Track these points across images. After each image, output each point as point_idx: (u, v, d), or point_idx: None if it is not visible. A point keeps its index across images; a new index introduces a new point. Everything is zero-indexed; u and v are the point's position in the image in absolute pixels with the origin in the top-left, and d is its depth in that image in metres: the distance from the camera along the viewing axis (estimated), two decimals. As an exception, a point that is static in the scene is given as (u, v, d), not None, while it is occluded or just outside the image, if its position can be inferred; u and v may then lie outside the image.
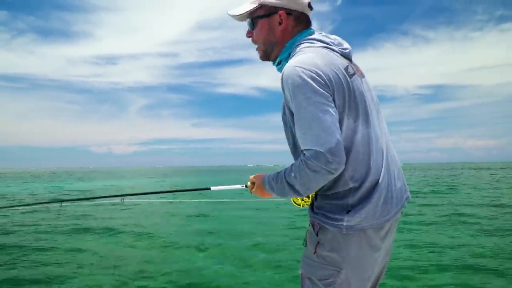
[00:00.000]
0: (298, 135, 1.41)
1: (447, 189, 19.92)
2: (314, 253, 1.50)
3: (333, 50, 1.51)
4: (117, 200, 2.11)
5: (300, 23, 1.61)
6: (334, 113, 1.36)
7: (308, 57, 1.43)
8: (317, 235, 1.50)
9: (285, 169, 1.48)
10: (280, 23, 1.59)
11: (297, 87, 1.37)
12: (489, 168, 65.41)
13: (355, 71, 1.51)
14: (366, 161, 1.43)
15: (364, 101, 1.49)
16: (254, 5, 1.59)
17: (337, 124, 1.36)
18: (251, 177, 1.75)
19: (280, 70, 1.60)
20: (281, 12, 1.58)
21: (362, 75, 1.57)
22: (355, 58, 1.64)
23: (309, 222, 1.58)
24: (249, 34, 1.68)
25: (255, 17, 1.62)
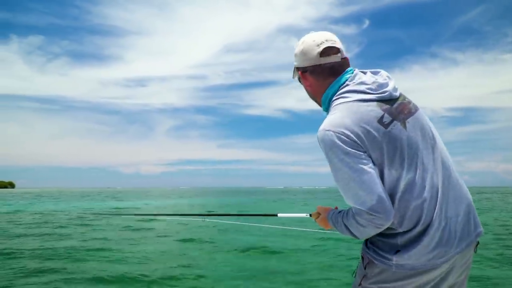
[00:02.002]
0: (341, 193, 1.45)
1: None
2: (359, 285, 1.54)
3: (368, 100, 1.48)
4: (200, 218, 2.60)
5: (321, 75, 1.62)
6: (371, 170, 1.37)
7: (338, 117, 1.45)
8: (365, 268, 1.53)
9: (343, 214, 1.52)
10: (304, 81, 1.70)
11: (329, 151, 1.41)
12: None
13: (394, 117, 1.47)
14: (414, 207, 1.41)
15: (407, 146, 1.45)
16: (294, 71, 1.76)
17: (376, 180, 1.37)
18: (319, 207, 1.79)
19: None
20: (299, 72, 1.70)
21: (409, 113, 1.51)
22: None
23: (360, 255, 1.60)
24: None
25: (299, 78, 1.75)
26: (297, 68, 1.71)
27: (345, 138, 1.39)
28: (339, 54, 1.61)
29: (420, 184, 1.43)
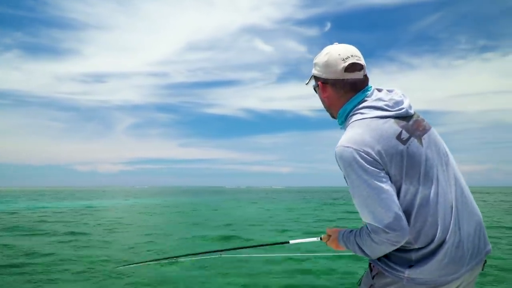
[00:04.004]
0: (357, 209, 1.45)
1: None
2: None
3: (386, 116, 1.49)
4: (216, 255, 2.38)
5: (342, 89, 1.61)
6: (388, 187, 1.38)
7: (357, 133, 1.45)
8: (372, 278, 1.53)
9: (356, 232, 1.53)
10: (322, 92, 1.67)
11: (348, 167, 1.41)
12: (476, 192, 65.93)
13: (411, 133, 1.48)
14: (430, 222, 1.42)
15: (424, 161, 1.46)
16: (311, 78, 1.74)
17: (393, 198, 1.37)
18: (328, 230, 1.79)
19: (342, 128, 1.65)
20: (318, 82, 1.67)
21: (424, 130, 1.53)
22: None
23: (368, 263, 1.59)
24: None
25: (315, 86, 1.74)
26: (317, 78, 1.70)
27: (365, 155, 1.40)
28: (362, 71, 1.61)
29: (436, 200, 1.44)
